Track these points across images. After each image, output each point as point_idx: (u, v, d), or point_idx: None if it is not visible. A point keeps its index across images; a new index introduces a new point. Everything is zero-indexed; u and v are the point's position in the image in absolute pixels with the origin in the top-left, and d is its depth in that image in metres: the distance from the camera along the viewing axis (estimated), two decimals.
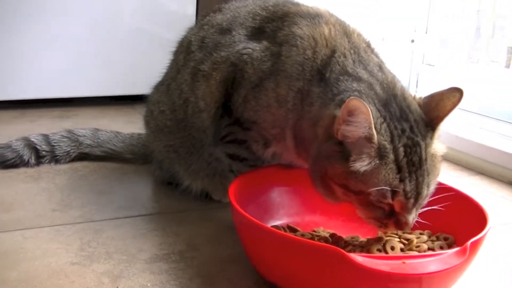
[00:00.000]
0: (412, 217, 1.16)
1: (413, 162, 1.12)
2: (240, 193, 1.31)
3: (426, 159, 1.15)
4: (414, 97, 1.23)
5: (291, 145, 1.34)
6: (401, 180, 1.11)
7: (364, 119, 1.07)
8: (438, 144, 1.20)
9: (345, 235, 1.35)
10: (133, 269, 1.29)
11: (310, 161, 1.25)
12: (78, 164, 2.00)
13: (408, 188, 1.12)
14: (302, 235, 1.33)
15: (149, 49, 2.89)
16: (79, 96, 2.96)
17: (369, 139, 1.10)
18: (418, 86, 2.84)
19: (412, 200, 1.13)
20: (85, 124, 2.20)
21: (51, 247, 1.38)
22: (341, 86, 1.22)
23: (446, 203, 1.32)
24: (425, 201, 1.18)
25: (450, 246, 1.25)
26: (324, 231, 1.39)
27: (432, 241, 1.28)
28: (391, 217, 1.16)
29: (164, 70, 1.78)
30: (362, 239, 1.31)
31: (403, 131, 1.14)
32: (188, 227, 1.53)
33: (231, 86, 1.41)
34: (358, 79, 1.23)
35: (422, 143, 1.14)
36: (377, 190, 1.11)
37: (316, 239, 1.30)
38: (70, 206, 1.64)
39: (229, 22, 1.51)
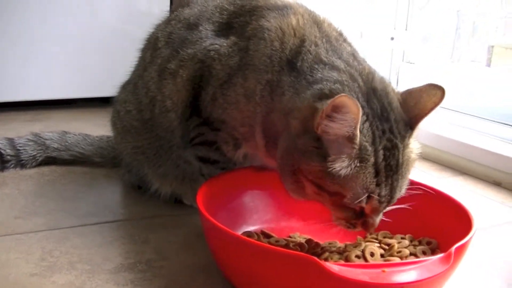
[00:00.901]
0: (379, 219, 1.13)
1: (390, 166, 1.07)
2: (210, 198, 1.24)
3: (402, 163, 1.09)
4: (394, 92, 1.16)
5: (261, 144, 1.28)
6: (377, 185, 1.06)
7: (352, 118, 1.00)
8: (414, 143, 1.14)
9: (322, 240, 1.29)
10: (96, 279, 1.21)
11: (279, 153, 1.18)
12: (45, 169, 1.92)
13: (383, 193, 1.07)
14: (277, 241, 1.26)
15: (124, 51, 2.82)
16: (51, 99, 2.89)
17: (351, 139, 1.03)
18: (398, 84, 2.80)
19: (384, 205, 1.10)
20: (57, 127, 2.12)
21: (10, 257, 1.29)
22: (317, 74, 1.16)
23: (428, 205, 1.27)
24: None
25: (433, 251, 1.20)
26: (300, 237, 1.33)
27: (415, 246, 1.22)
28: (360, 218, 1.12)
29: (132, 69, 1.71)
30: (340, 244, 1.25)
31: (383, 132, 1.08)
32: (158, 234, 1.46)
33: (199, 84, 1.35)
34: (336, 69, 1.17)
35: (401, 146, 1.09)
36: (353, 192, 1.05)
37: (291, 245, 1.23)
38: (34, 213, 1.56)
39: (196, 17, 1.45)
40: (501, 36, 2.93)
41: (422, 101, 1.12)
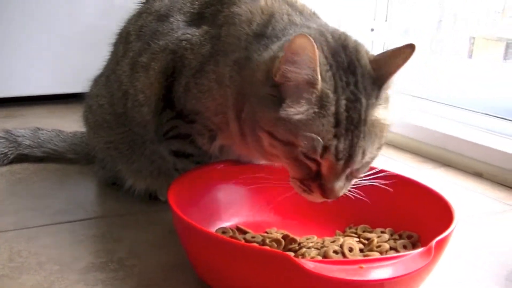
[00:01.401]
0: (340, 186, 1.07)
1: (352, 119, 1.02)
2: (182, 193, 1.20)
3: (365, 120, 1.04)
4: (367, 53, 1.13)
5: (235, 129, 1.22)
6: (336, 136, 1.01)
7: (310, 59, 0.98)
8: (384, 111, 1.10)
9: (300, 235, 1.24)
10: (66, 280, 1.17)
11: (244, 114, 1.15)
12: (17, 167, 1.87)
13: (341, 147, 1.02)
14: (253, 237, 1.22)
15: (101, 46, 2.78)
16: (26, 95, 2.84)
17: (312, 83, 1.00)
18: None
19: (342, 162, 1.03)
20: (32, 124, 2.06)
21: None
22: (289, 32, 1.16)
23: (408, 198, 1.25)
24: (359, 173, 1.09)
25: (414, 245, 1.16)
26: (277, 232, 1.28)
27: (395, 239, 1.18)
28: (316, 180, 1.06)
29: (105, 63, 1.67)
30: (318, 239, 1.21)
31: (347, 83, 1.04)
32: (131, 232, 1.41)
33: (171, 75, 1.31)
34: (308, 27, 1.16)
35: (364, 101, 1.04)
36: (307, 141, 1.01)
37: (267, 241, 1.19)
38: (3, 212, 1.50)
39: (167, 8, 1.41)
40: (483, 28, 2.91)
41: (393, 58, 1.09)
